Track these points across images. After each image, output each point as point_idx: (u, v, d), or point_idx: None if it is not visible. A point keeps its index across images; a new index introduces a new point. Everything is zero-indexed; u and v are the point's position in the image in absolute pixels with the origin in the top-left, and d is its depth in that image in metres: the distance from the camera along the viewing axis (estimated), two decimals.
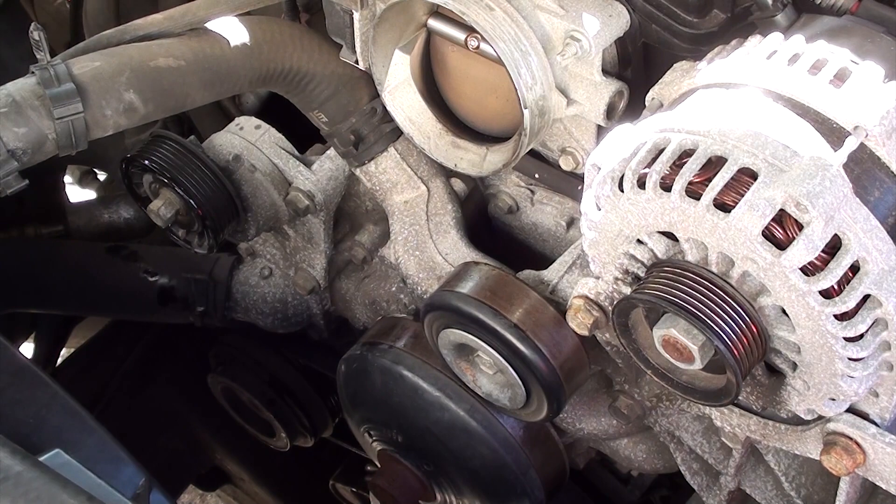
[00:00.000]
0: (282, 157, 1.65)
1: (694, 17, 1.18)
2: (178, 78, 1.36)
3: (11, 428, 1.11)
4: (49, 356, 2.36)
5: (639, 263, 1.08)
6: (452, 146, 1.41)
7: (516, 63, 1.21)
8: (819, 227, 0.90)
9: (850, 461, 1.07)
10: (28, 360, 1.54)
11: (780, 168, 0.93)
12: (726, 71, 1.05)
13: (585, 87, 1.26)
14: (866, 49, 1.05)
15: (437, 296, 1.37)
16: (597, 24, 1.19)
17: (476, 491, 1.56)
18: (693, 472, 1.45)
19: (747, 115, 0.98)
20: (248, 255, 1.87)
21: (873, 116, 0.97)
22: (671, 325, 1.02)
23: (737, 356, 0.99)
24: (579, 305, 1.18)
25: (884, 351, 0.98)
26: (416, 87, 1.40)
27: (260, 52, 1.44)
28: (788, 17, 1.13)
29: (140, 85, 1.32)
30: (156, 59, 1.35)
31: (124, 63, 1.33)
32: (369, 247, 1.70)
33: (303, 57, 1.48)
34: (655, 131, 1.01)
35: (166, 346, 2.30)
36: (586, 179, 1.08)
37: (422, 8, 1.31)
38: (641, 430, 1.51)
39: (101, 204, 2.37)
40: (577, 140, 1.34)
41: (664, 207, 0.98)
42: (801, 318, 0.96)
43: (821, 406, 1.04)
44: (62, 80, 1.26)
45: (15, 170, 1.25)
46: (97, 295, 2.02)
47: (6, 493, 0.98)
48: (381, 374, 1.55)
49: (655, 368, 1.11)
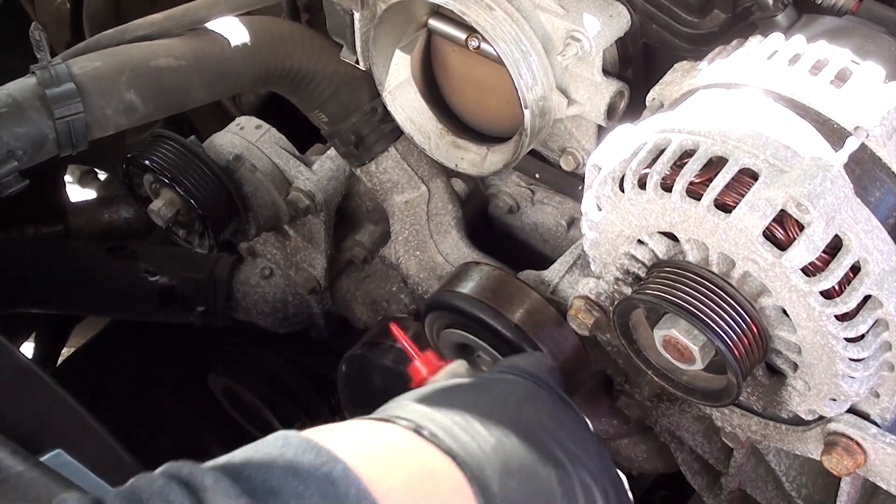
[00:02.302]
0: (282, 157, 1.65)
1: (695, 18, 1.18)
2: (178, 78, 1.36)
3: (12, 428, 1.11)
4: (49, 356, 2.36)
5: (639, 264, 1.08)
6: (453, 146, 1.41)
7: (517, 63, 1.21)
8: (820, 227, 0.90)
9: (851, 461, 1.07)
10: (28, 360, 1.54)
11: (780, 168, 0.93)
12: (727, 71, 1.05)
13: (586, 88, 1.26)
14: (867, 49, 1.05)
15: (438, 296, 1.37)
16: (597, 24, 1.18)
17: None
18: (694, 472, 1.45)
19: (748, 116, 0.98)
20: (249, 255, 1.87)
21: (874, 117, 0.97)
22: (672, 326, 1.02)
23: (737, 357, 0.99)
24: (580, 306, 1.18)
25: (885, 351, 0.98)
26: (416, 88, 1.40)
27: (260, 52, 1.44)
28: (789, 17, 1.13)
29: (140, 85, 1.32)
30: (156, 58, 1.35)
31: (124, 63, 1.33)
32: (370, 247, 1.70)
33: (303, 57, 1.48)
34: (656, 131, 1.01)
35: (166, 346, 2.30)
36: (587, 179, 1.08)
37: (422, 8, 1.31)
38: (642, 430, 1.51)
39: (101, 204, 2.37)
40: (578, 140, 1.34)
41: (665, 208, 0.98)
42: (802, 319, 0.96)
43: (821, 406, 1.04)
44: (62, 80, 1.26)
45: (15, 170, 1.25)
46: (97, 295, 2.02)
47: (6, 494, 0.98)
48: (381, 374, 1.55)
49: (656, 369, 1.11)
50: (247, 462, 0.83)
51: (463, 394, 1.04)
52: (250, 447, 0.86)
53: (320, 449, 0.85)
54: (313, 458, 0.84)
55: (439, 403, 0.98)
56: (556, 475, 0.96)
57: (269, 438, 0.87)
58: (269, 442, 0.87)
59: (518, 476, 0.94)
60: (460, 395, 1.02)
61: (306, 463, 0.83)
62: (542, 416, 1.01)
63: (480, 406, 0.99)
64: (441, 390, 1.04)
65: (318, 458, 0.84)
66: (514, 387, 1.05)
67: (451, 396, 1.02)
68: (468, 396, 1.02)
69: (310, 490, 0.81)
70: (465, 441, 0.93)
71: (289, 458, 0.84)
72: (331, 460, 0.84)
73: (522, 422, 0.99)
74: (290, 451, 0.85)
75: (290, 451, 0.85)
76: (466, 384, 1.07)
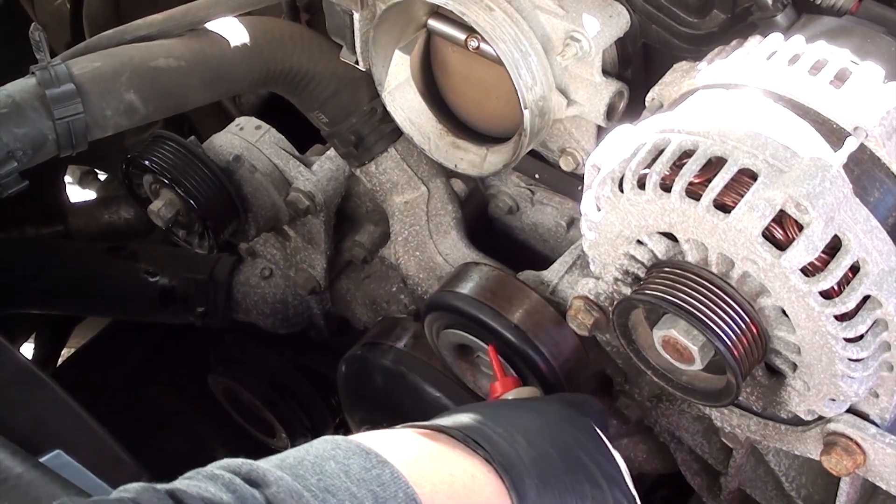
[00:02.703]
0: (282, 157, 1.65)
1: (694, 18, 1.18)
2: (178, 78, 1.36)
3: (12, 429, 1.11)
4: (49, 356, 2.36)
5: (639, 264, 1.08)
6: (452, 146, 1.41)
7: (516, 63, 1.21)
8: (819, 227, 0.90)
9: (851, 462, 1.07)
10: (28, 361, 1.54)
11: (780, 169, 0.93)
12: (726, 71, 1.05)
13: (585, 88, 1.26)
14: (866, 49, 1.05)
15: (438, 296, 1.37)
16: (597, 24, 1.18)
17: None
18: (693, 472, 1.45)
19: (747, 116, 0.98)
20: (249, 256, 1.87)
21: (873, 117, 0.97)
22: (671, 326, 1.02)
23: (737, 357, 0.99)
24: (579, 306, 1.18)
25: (884, 351, 0.98)
26: (416, 88, 1.40)
27: (260, 53, 1.44)
28: (788, 17, 1.13)
29: (140, 85, 1.32)
30: (156, 59, 1.35)
31: (124, 63, 1.33)
32: (369, 247, 1.70)
33: (303, 57, 1.48)
34: (655, 132, 1.01)
35: (166, 346, 2.30)
36: (586, 180, 1.08)
37: (422, 8, 1.31)
38: (641, 430, 1.51)
39: (101, 204, 2.37)
40: (577, 140, 1.34)
41: (664, 208, 0.98)
42: (801, 319, 0.96)
43: (821, 406, 1.04)
44: (62, 81, 1.26)
45: (15, 171, 1.25)
46: (97, 295, 2.02)
47: (6, 494, 0.98)
48: (381, 374, 1.55)
49: (655, 369, 1.11)
50: (300, 462, 0.87)
51: (511, 409, 1.11)
52: (300, 449, 0.90)
53: (369, 453, 0.89)
54: (363, 462, 0.88)
55: (487, 416, 1.04)
56: (591, 491, 1.02)
57: (316, 442, 0.91)
58: (318, 445, 0.90)
59: (555, 487, 0.99)
60: (508, 411, 1.09)
61: (357, 466, 0.87)
62: (583, 438, 1.07)
63: (526, 422, 1.05)
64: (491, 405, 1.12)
65: (368, 461, 0.88)
66: (560, 411, 1.12)
67: (500, 411, 1.09)
68: (515, 412, 1.09)
69: (362, 491, 0.85)
70: (506, 451, 0.99)
71: (340, 460, 0.88)
72: (379, 464, 0.89)
73: (564, 441, 1.05)
74: (341, 453, 0.88)
75: (340, 453, 0.88)
76: (516, 402, 1.16)
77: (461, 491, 0.94)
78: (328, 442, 0.91)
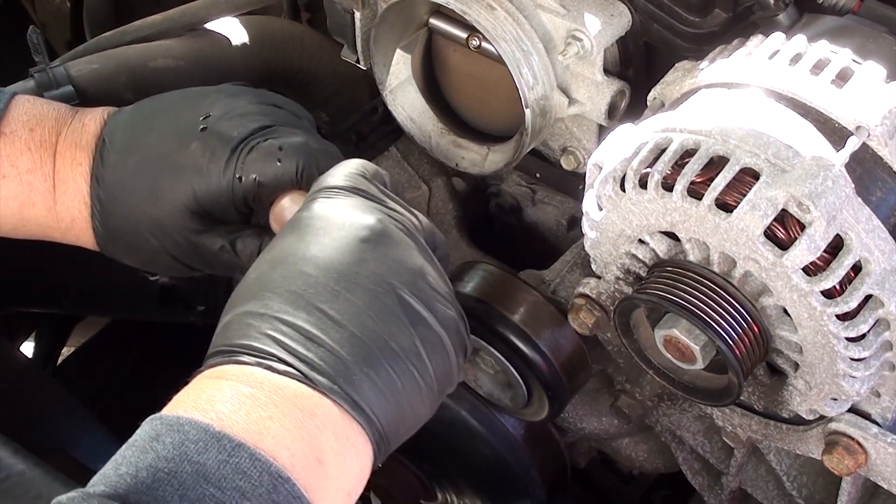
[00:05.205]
0: None
1: (696, 17, 1.18)
2: (177, 78, 1.36)
3: (13, 427, 1.11)
4: (49, 356, 2.36)
5: (640, 263, 1.08)
6: (454, 145, 1.41)
7: (518, 62, 1.21)
8: (821, 227, 0.90)
9: (852, 461, 1.07)
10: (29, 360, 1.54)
11: (782, 168, 0.93)
12: (728, 71, 1.05)
13: (587, 87, 1.25)
14: (868, 49, 1.04)
15: None
16: (598, 23, 1.18)
17: (477, 490, 1.56)
18: (694, 471, 1.45)
19: (749, 115, 0.98)
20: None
21: (875, 116, 0.97)
22: (673, 325, 1.02)
23: (738, 356, 0.99)
24: (581, 305, 1.18)
25: (886, 351, 0.98)
26: (417, 87, 1.40)
27: (260, 52, 1.45)
28: (790, 16, 1.13)
29: (139, 86, 1.33)
30: (155, 59, 1.35)
31: (123, 64, 1.33)
32: None
33: (304, 56, 1.48)
34: (657, 131, 1.01)
35: (166, 346, 2.30)
36: (588, 179, 1.08)
37: (423, 7, 1.30)
38: (643, 429, 1.51)
39: None
40: (579, 139, 1.34)
41: (666, 207, 0.98)
42: (803, 319, 0.96)
43: (822, 406, 1.04)
44: (61, 83, 1.26)
45: None
46: (98, 294, 2.01)
47: (8, 493, 0.98)
48: None
49: (657, 368, 1.11)
50: (155, 478, 0.79)
51: (293, 270, 0.92)
52: (145, 452, 0.82)
53: (220, 439, 0.81)
54: (217, 454, 0.80)
55: (277, 307, 0.90)
56: (420, 336, 0.92)
57: (166, 438, 0.83)
58: (167, 442, 0.82)
59: (384, 362, 0.89)
60: (292, 276, 0.91)
61: (212, 461, 0.80)
62: (390, 262, 0.93)
63: (317, 284, 0.89)
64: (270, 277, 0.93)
65: (222, 450, 0.81)
66: (348, 226, 0.94)
67: (285, 281, 0.91)
68: (301, 274, 0.91)
69: (227, 494, 0.78)
70: (318, 360, 0.87)
71: (193, 459, 0.80)
72: (235, 448, 0.80)
73: (370, 282, 0.90)
74: (192, 448, 0.81)
75: (191, 448, 0.81)
76: (292, 253, 0.94)
77: (309, 438, 0.84)
78: (174, 431, 0.82)
